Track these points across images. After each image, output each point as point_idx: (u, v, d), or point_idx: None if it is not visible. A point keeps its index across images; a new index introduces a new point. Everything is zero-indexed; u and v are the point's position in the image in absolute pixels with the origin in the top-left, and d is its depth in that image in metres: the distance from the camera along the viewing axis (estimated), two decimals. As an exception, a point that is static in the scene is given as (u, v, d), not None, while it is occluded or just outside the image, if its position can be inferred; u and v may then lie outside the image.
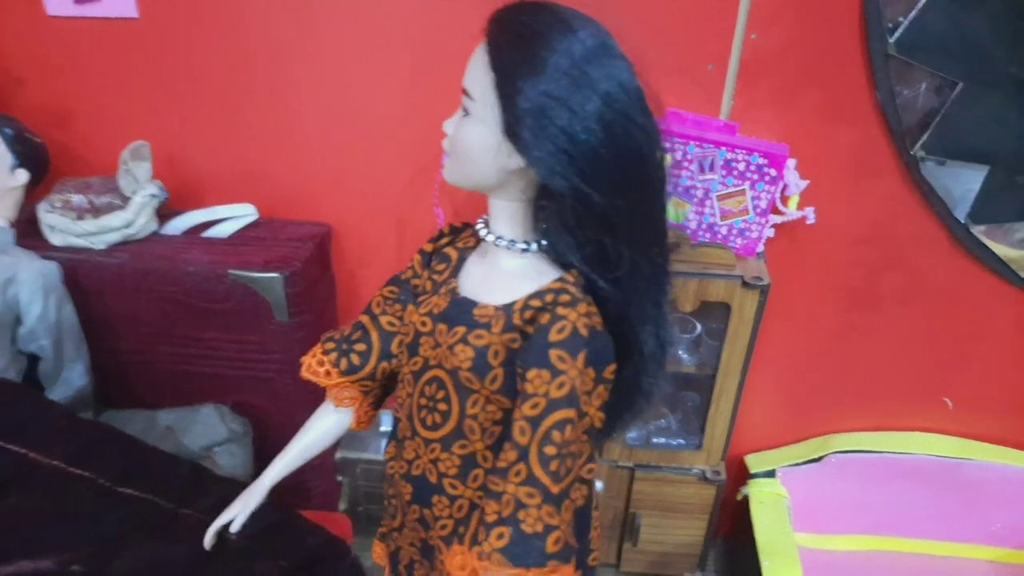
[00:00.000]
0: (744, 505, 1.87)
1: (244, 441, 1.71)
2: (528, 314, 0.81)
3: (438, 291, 0.91)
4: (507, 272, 0.87)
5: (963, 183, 1.54)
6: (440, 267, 0.95)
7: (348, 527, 1.95)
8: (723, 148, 1.48)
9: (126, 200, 1.62)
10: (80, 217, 1.59)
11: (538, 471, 0.77)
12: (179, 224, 1.67)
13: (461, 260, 0.93)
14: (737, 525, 1.95)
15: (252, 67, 1.59)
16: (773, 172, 1.50)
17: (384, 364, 0.99)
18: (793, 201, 1.59)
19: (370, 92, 1.60)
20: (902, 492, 1.86)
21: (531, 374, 0.78)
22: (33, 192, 1.58)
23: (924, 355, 1.78)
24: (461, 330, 0.85)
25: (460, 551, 0.84)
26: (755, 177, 1.51)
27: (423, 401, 0.90)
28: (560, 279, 0.83)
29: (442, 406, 0.88)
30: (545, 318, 0.80)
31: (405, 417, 0.94)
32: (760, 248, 1.61)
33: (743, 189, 1.52)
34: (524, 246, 0.85)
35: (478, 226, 0.90)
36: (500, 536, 0.78)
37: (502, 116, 0.76)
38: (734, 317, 1.59)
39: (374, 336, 0.99)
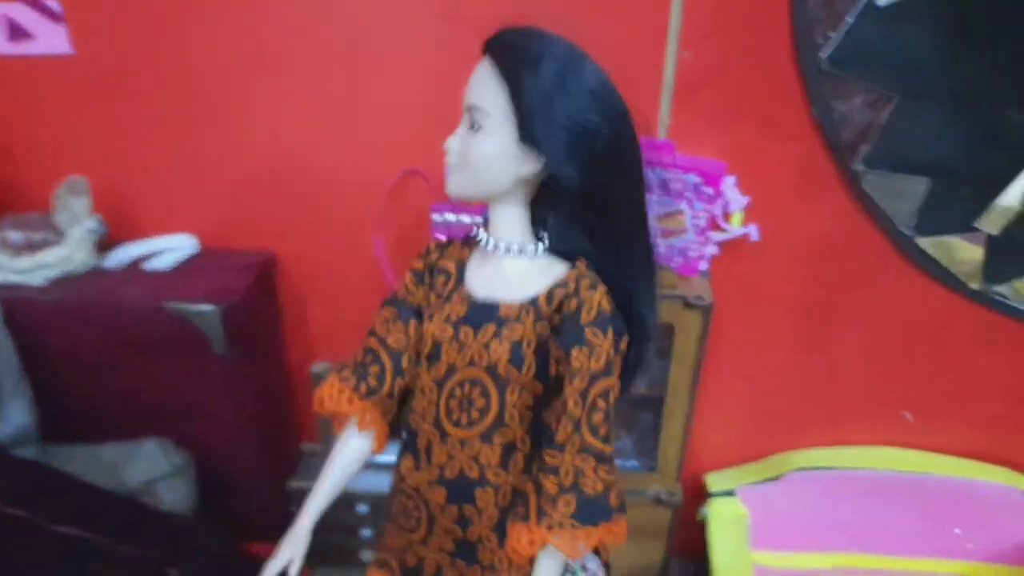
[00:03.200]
0: (704, 525, 1.84)
1: (187, 475, 1.69)
2: (556, 303, 0.92)
3: (450, 300, 0.97)
4: (520, 272, 0.95)
5: (906, 196, 1.52)
6: (441, 279, 1.01)
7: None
8: (658, 168, 1.47)
9: (64, 235, 1.61)
10: (17, 254, 1.59)
11: (589, 438, 0.89)
12: (119, 257, 1.66)
13: (461, 270, 1.00)
14: (697, 545, 1.92)
15: (189, 98, 1.59)
16: (710, 190, 1.48)
17: (399, 381, 1.04)
18: (736, 218, 1.57)
19: (309, 121, 1.59)
20: (863, 508, 1.83)
21: (573, 353, 0.89)
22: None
23: (880, 369, 1.75)
24: (491, 328, 0.93)
25: (525, 529, 0.90)
26: (692, 196, 1.49)
27: (454, 403, 0.96)
28: (574, 268, 0.94)
29: (480, 402, 0.94)
30: (573, 303, 0.90)
31: (430, 425, 0.99)
32: (703, 267, 1.59)
33: (680, 208, 1.51)
34: (532, 248, 0.94)
35: (479, 236, 0.97)
36: (567, 504, 0.89)
37: (517, 124, 0.85)
38: (678, 337, 1.57)
39: (385, 356, 1.03)
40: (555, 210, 0.93)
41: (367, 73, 1.54)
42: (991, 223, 1.52)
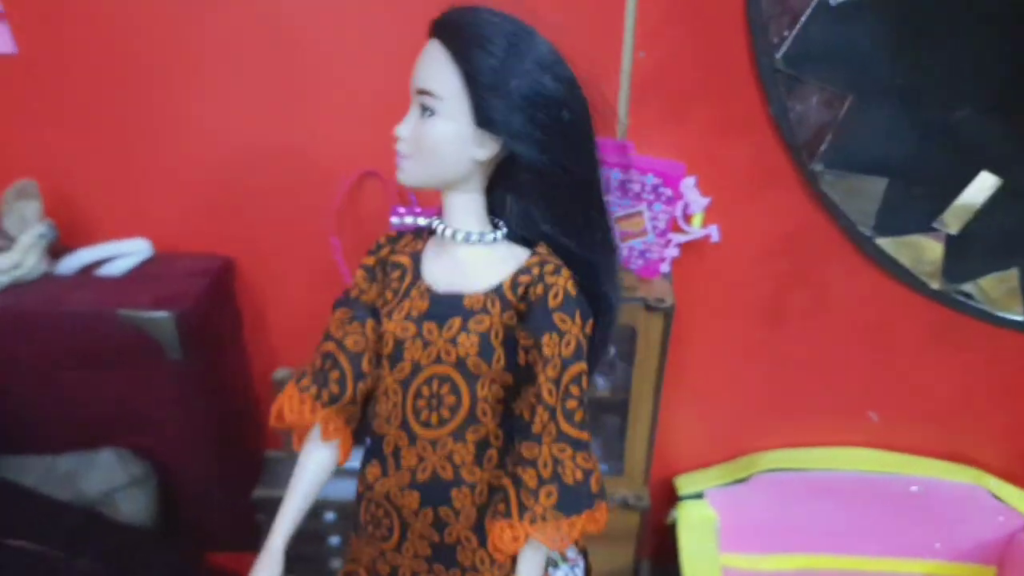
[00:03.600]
0: (674, 529, 1.83)
1: (146, 485, 1.65)
2: (520, 290, 0.90)
3: (408, 295, 0.94)
4: (480, 261, 0.92)
5: (864, 196, 1.52)
6: (395, 274, 0.97)
7: (264, 568, 1.89)
8: (616, 169, 1.46)
9: (13, 241, 1.57)
10: (-35, 260, 1.55)
11: (564, 426, 0.88)
12: (71, 263, 1.62)
13: (416, 263, 0.96)
14: (666, 548, 1.91)
15: (140, 98, 1.55)
16: (669, 191, 1.47)
17: (361, 384, 1.00)
18: (697, 219, 1.56)
19: (263, 122, 1.57)
20: (831, 509, 1.82)
21: (544, 339, 0.87)
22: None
23: (844, 369, 1.75)
24: (456, 322, 0.90)
25: (507, 525, 0.89)
26: (651, 197, 1.48)
27: (421, 403, 0.93)
28: (535, 253, 0.92)
29: (449, 399, 0.92)
30: (539, 289, 0.88)
31: (396, 428, 0.95)
32: (665, 268, 1.58)
33: (640, 210, 1.50)
34: (491, 236, 0.92)
35: (437, 226, 0.93)
36: (548, 495, 0.87)
37: (473, 107, 0.83)
38: (640, 340, 1.56)
39: (343, 360, 0.98)
40: (513, 193, 0.92)
41: (322, 74, 1.52)
42: (950, 222, 1.52)
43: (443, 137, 0.85)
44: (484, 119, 0.84)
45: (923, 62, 1.37)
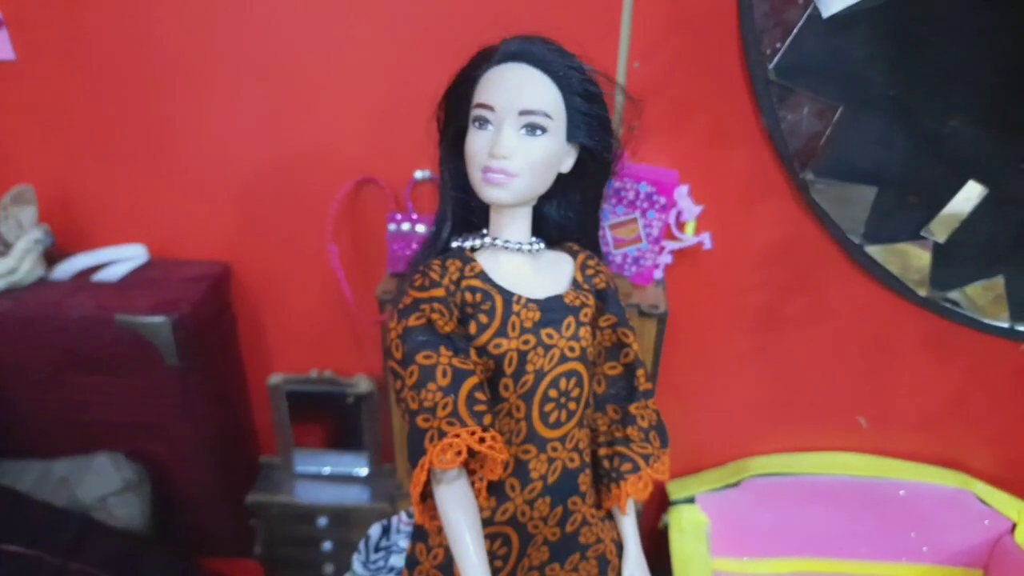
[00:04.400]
0: (665, 533, 1.84)
1: (141, 490, 1.66)
2: (593, 281, 1.01)
3: (510, 312, 0.92)
4: (548, 264, 1.00)
5: (854, 204, 1.54)
6: (478, 298, 0.93)
7: (259, 574, 1.90)
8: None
9: (9, 246, 1.57)
10: (-39, 265, 1.55)
11: (645, 383, 1.03)
12: (67, 269, 1.63)
13: (491, 282, 0.95)
14: (658, 554, 1.92)
15: (137, 105, 1.56)
16: (663, 200, 1.49)
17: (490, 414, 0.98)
18: (689, 227, 1.58)
19: (262, 128, 1.58)
20: (821, 513, 1.84)
21: (625, 315, 1.02)
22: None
23: (834, 376, 1.77)
24: (571, 320, 0.95)
25: (636, 479, 0.99)
26: (645, 205, 1.50)
27: (549, 407, 0.95)
28: (576, 251, 1.02)
29: (575, 392, 0.96)
30: (603, 277, 1.01)
31: (519, 444, 0.94)
32: (658, 275, 1.60)
33: (634, 218, 1.51)
34: (541, 240, 1.00)
35: (493, 241, 0.97)
36: (655, 438, 1.02)
37: (568, 124, 0.91)
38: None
39: (481, 396, 0.89)
40: (557, 198, 1.00)
41: (320, 82, 1.53)
42: (938, 231, 1.55)
43: (554, 154, 0.91)
44: (575, 132, 0.92)
45: (913, 74, 1.40)
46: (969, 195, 1.50)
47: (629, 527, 1.05)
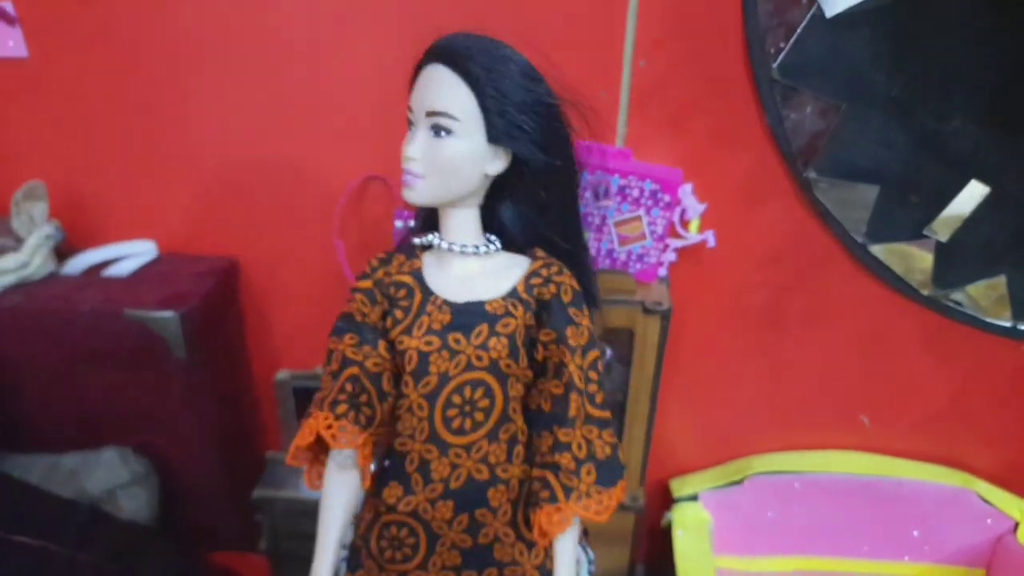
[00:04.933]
0: (668, 531, 1.85)
1: (148, 483, 1.67)
2: (535, 292, 0.97)
3: (423, 311, 0.97)
4: (488, 270, 0.98)
5: (857, 203, 1.55)
6: (400, 293, 0.99)
7: (265, 569, 1.91)
8: (616, 175, 1.49)
9: (21, 242, 1.59)
10: (-27, 260, 1.57)
11: (590, 408, 0.95)
12: (77, 264, 1.64)
13: (420, 280, 0.99)
14: (661, 551, 1.93)
15: (147, 102, 1.58)
16: (667, 197, 1.51)
17: (385, 405, 1.01)
18: (693, 224, 1.60)
19: (269, 125, 1.60)
20: (824, 511, 1.85)
21: (567, 332, 0.95)
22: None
23: (837, 374, 1.78)
24: (483, 327, 0.95)
25: (554, 509, 0.94)
26: (649, 203, 1.51)
27: (452, 412, 0.96)
28: (536, 258, 0.99)
29: (483, 403, 0.96)
30: (551, 288, 0.96)
31: (422, 443, 0.98)
32: (662, 273, 1.62)
33: (639, 215, 1.53)
34: (492, 247, 0.99)
35: (438, 242, 0.98)
36: (589, 472, 0.94)
37: (487, 124, 0.89)
38: (638, 343, 1.58)
39: (367, 383, 0.99)
40: (512, 202, 0.99)
41: (329, 76, 1.54)
42: (940, 230, 1.56)
43: (461, 155, 0.90)
44: (497, 134, 0.90)
45: (915, 73, 1.41)
46: (971, 194, 1.51)
47: (557, 558, 0.96)
